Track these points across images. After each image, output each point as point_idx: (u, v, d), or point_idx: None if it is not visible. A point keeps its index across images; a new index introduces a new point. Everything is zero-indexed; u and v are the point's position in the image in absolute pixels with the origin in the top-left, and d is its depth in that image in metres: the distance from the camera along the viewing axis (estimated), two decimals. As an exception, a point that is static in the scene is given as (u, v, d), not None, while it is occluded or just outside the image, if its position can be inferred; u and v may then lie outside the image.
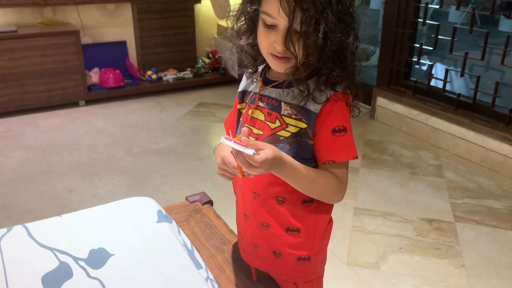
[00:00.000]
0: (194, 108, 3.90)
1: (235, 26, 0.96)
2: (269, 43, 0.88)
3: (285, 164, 0.87)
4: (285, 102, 0.93)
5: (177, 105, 3.95)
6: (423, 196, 2.54)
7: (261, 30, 0.90)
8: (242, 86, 1.04)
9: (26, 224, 1.20)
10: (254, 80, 1.01)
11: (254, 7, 0.89)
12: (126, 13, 4.18)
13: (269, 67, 0.98)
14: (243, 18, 0.94)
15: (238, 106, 1.04)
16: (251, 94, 1.00)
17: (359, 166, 2.86)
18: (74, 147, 3.12)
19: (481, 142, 2.87)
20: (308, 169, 0.92)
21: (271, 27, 0.86)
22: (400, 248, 2.10)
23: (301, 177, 0.91)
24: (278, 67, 0.91)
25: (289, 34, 0.83)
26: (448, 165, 2.91)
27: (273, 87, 0.95)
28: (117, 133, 3.37)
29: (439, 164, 2.93)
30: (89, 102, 3.90)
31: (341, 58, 0.87)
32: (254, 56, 0.99)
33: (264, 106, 0.96)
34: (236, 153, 0.82)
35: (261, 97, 0.97)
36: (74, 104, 3.84)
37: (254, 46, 0.96)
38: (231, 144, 0.82)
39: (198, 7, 4.43)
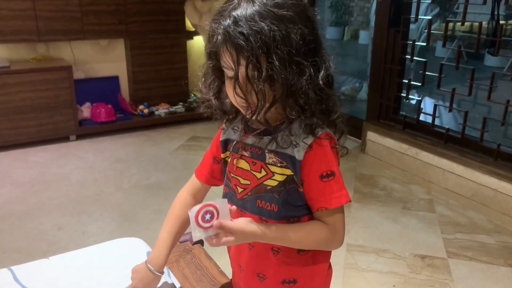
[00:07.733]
0: (186, 142, 3.90)
1: (204, 83, 0.94)
2: (232, 95, 0.85)
3: (258, 237, 0.87)
4: (268, 150, 0.90)
5: (168, 139, 3.95)
6: (415, 231, 2.53)
7: (226, 83, 0.88)
8: (224, 135, 1.01)
9: (12, 267, 1.17)
10: (236, 128, 0.98)
11: (213, 63, 0.88)
12: (119, 48, 4.24)
13: None
14: (211, 74, 0.92)
15: (222, 155, 1.01)
16: (234, 143, 0.98)
17: (351, 200, 2.85)
18: (64, 182, 3.09)
19: (470, 176, 2.89)
20: (294, 229, 0.90)
21: (230, 78, 0.85)
22: (394, 286, 2.08)
23: (286, 241, 0.90)
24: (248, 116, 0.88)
25: (236, 83, 0.81)
26: (439, 199, 2.92)
27: (255, 135, 0.93)
28: (108, 168, 3.34)
29: (430, 198, 2.94)
30: (80, 136, 3.89)
31: (302, 99, 0.83)
32: (223, 110, 0.96)
33: (248, 155, 0.94)
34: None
35: (245, 146, 0.95)
36: (65, 139, 3.82)
37: (223, 100, 0.94)
38: (191, 218, 0.83)
39: (190, 43, 4.50)
